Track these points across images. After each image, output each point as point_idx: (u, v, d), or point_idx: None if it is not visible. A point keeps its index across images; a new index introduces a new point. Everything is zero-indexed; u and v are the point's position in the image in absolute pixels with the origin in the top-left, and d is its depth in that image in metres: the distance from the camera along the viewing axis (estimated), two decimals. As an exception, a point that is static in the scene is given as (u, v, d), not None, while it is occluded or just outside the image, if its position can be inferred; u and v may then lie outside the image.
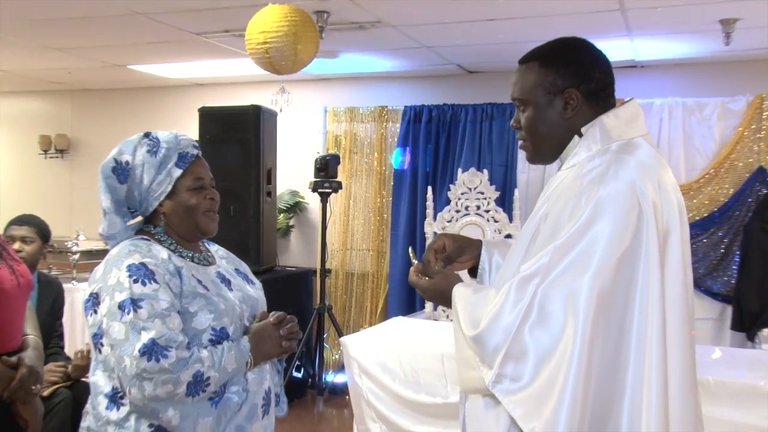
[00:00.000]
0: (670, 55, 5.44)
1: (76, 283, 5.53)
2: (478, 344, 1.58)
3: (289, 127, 6.55)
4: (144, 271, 1.80)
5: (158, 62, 6.15)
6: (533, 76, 1.74)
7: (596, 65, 1.75)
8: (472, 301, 1.68)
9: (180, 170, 1.93)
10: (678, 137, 5.49)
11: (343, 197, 6.48)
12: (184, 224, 1.96)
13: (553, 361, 1.49)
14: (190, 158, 1.96)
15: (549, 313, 1.51)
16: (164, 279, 1.82)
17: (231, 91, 6.96)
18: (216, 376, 1.80)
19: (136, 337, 1.72)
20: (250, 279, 2.14)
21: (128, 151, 1.94)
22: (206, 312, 1.84)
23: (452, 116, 6.15)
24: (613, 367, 1.52)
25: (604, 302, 1.50)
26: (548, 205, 1.69)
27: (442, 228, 5.35)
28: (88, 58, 5.99)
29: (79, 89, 7.61)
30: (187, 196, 1.94)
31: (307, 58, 4.22)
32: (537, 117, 1.75)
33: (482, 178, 5.36)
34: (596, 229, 1.53)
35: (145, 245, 1.88)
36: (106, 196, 1.93)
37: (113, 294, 1.78)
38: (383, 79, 6.58)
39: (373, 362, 3.63)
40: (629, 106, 1.77)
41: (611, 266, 1.51)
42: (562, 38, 1.81)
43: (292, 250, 6.87)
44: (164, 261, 1.86)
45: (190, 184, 1.95)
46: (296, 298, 5.98)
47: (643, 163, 1.64)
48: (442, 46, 5.32)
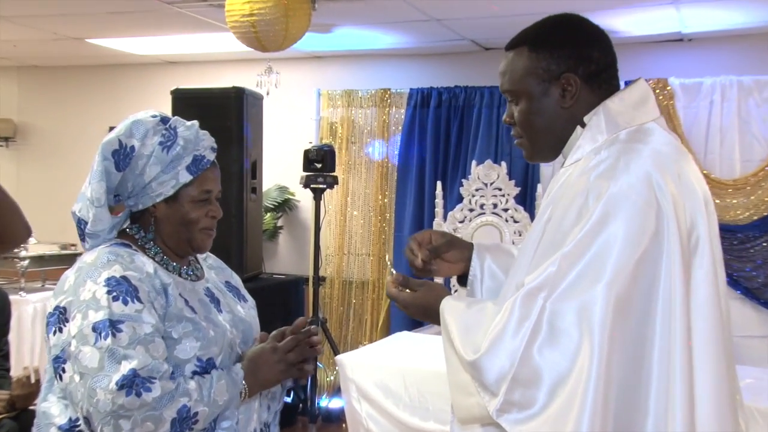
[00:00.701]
0: (723, 25, 5.41)
1: (25, 294, 5.53)
2: (478, 370, 1.58)
3: (277, 112, 6.55)
4: (126, 287, 1.74)
5: (122, 35, 6.15)
6: (523, 63, 1.76)
7: (594, 43, 1.76)
8: (466, 318, 1.68)
9: (190, 176, 1.87)
10: (732, 123, 5.46)
11: (339, 194, 6.48)
12: (175, 236, 1.91)
13: (569, 385, 1.49)
14: (204, 164, 1.90)
15: (560, 330, 1.51)
16: (148, 297, 1.76)
17: (209, 70, 6.96)
18: (205, 411, 1.76)
19: (114, 367, 1.66)
20: (242, 295, 2.10)
21: (137, 135, 1.86)
22: (192, 339, 1.80)
23: (465, 100, 6.14)
24: (634, 387, 1.53)
25: (622, 314, 1.51)
26: (552, 208, 1.69)
27: (454, 230, 5.34)
28: (38, 28, 5.96)
29: (28, 66, 7.61)
30: (188, 207, 1.89)
31: (299, 32, 4.22)
32: (532, 109, 1.76)
33: (500, 172, 5.36)
34: (608, 231, 1.53)
35: (127, 254, 1.82)
36: (101, 183, 1.83)
37: (86, 312, 1.72)
38: (385, 57, 6.58)
39: (373, 384, 3.63)
40: (636, 87, 1.78)
41: (628, 272, 1.51)
42: (551, 16, 1.82)
43: (280, 255, 6.87)
44: (149, 276, 1.80)
45: (196, 195, 1.89)
46: (285, 310, 5.98)
47: (658, 151, 1.64)
48: (453, 18, 5.32)
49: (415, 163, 6.27)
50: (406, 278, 1.87)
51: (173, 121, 1.90)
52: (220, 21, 4.99)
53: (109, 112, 7.37)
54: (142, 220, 1.92)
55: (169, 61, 7.12)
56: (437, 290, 1.81)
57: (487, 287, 1.95)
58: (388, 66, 6.59)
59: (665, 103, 5.46)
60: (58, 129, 7.62)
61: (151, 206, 1.88)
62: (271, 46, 4.23)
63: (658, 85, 5.48)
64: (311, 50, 6.42)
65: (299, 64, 6.71)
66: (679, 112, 5.48)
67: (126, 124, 1.88)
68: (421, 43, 6.10)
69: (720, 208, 5.34)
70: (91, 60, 7.16)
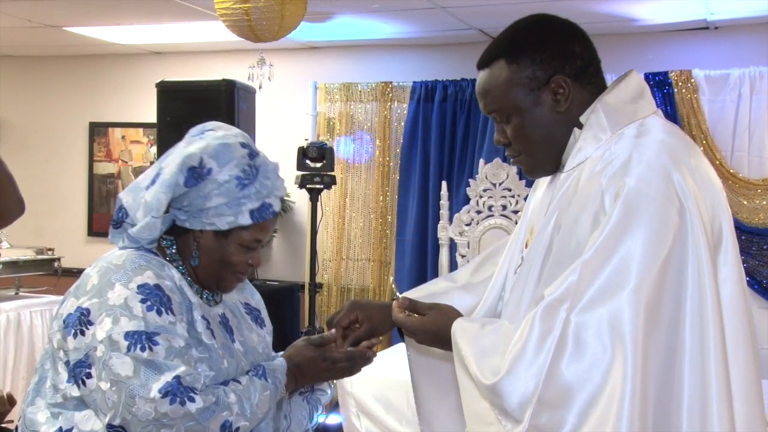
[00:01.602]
0: (751, 12, 5.38)
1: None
2: (498, 395, 1.56)
3: (271, 107, 6.56)
4: (160, 296, 1.77)
5: (104, 24, 6.15)
6: (504, 77, 1.77)
7: (573, 38, 1.78)
8: (481, 339, 1.67)
9: (250, 221, 1.88)
10: (762, 117, 5.45)
11: (337, 195, 6.49)
12: (208, 269, 1.92)
13: (602, 403, 1.47)
14: (268, 215, 1.92)
15: (588, 343, 1.50)
16: (180, 309, 1.80)
17: (197, 61, 6.97)
18: (246, 426, 1.81)
19: (153, 376, 1.69)
20: (261, 319, 2.12)
21: (221, 160, 1.85)
22: (206, 367, 1.82)
23: (472, 94, 6.13)
24: (667, 399, 1.52)
25: (652, 321, 1.50)
26: (559, 214, 1.69)
27: (460, 233, 5.34)
28: (12, 15, 5.93)
29: (1, 56, 7.60)
30: (234, 249, 1.90)
31: (294, 21, 4.23)
32: (527, 123, 1.77)
33: (509, 172, 5.36)
34: (630, 232, 1.53)
35: (158, 263, 1.85)
36: (167, 194, 1.82)
37: (118, 317, 1.72)
38: (386, 48, 6.59)
39: (373, 399, 3.63)
40: (630, 79, 1.78)
41: (654, 275, 1.51)
42: (518, 21, 1.84)
43: (274, 260, 6.87)
44: (179, 289, 1.84)
45: (248, 241, 1.90)
46: (279, 319, 5.96)
47: (669, 144, 1.65)
48: (459, 6, 5.32)
49: (418, 162, 6.28)
50: (413, 302, 1.86)
51: (260, 158, 1.92)
52: (209, 9, 4.99)
53: (90, 106, 7.38)
54: (182, 238, 1.92)
55: (154, 51, 7.12)
56: (448, 313, 1.80)
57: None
58: (390, 57, 6.60)
59: (688, 97, 5.45)
60: (34, 123, 7.61)
61: (198, 230, 1.88)
62: (264, 36, 4.24)
63: (680, 77, 5.47)
64: (307, 40, 6.41)
65: (294, 55, 6.71)
66: (703, 106, 5.47)
67: (214, 143, 1.87)
68: (425, 32, 6.10)
69: (748, 209, 5.34)
70: (70, 50, 7.16)
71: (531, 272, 1.73)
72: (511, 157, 1.86)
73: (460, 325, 1.73)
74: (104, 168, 7.39)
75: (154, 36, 6.49)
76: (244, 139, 1.92)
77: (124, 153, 7.32)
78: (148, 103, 5.84)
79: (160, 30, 6.24)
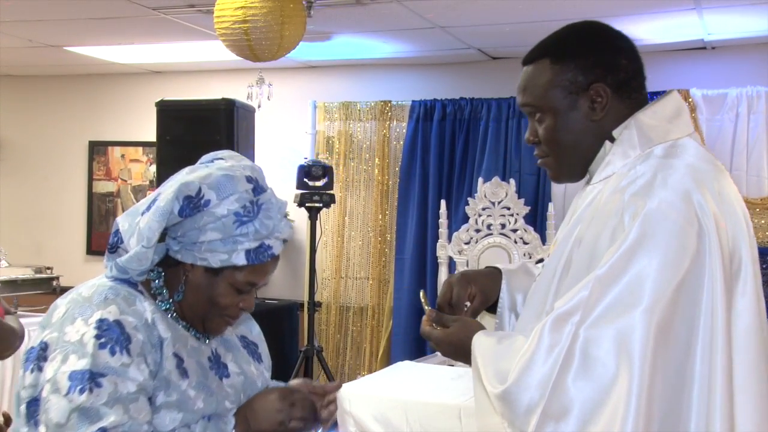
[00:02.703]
0: (749, 32, 5.41)
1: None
2: (505, 403, 1.57)
3: (270, 126, 6.57)
4: (117, 334, 1.62)
5: (104, 43, 6.17)
6: (547, 77, 1.76)
7: (621, 50, 1.77)
8: (495, 352, 1.66)
9: (245, 263, 1.74)
10: (760, 137, 5.46)
11: (336, 213, 6.49)
12: (195, 307, 1.78)
13: (603, 420, 1.47)
14: (265, 257, 1.77)
15: (594, 358, 1.50)
16: (141, 350, 1.65)
17: (197, 81, 6.98)
18: None
19: (83, 425, 1.56)
20: (258, 354, 1.98)
21: (221, 193, 1.72)
22: (173, 410, 1.68)
23: (471, 113, 6.16)
24: (672, 422, 1.51)
25: (663, 342, 1.49)
26: (581, 228, 1.69)
27: (459, 251, 5.34)
28: (13, 35, 5.97)
29: (2, 75, 7.62)
30: (224, 289, 1.76)
31: (294, 41, 4.24)
32: (560, 125, 1.76)
33: (508, 190, 5.36)
34: (646, 252, 1.52)
35: (128, 294, 1.71)
36: (160, 223, 1.68)
37: (68, 355, 1.61)
38: (386, 67, 6.61)
39: (373, 418, 3.61)
40: (669, 99, 1.78)
41: (668, 297, 1.50)
42: (571, 25, 1.83)
43: (272, 279, 6.71)
44: (147, 326, 1.68)
45: (240, 283, 1.77)
46: (278, 338, 5.96)
47: (696, 168, 1.64)
48: (458, 26, 5.34)
49: (417, 181, 6.28)
50: (440, 315, 1.85)
51: (265, 195, 1.77)
52: (209, 28, 5.00)
53: (90, 125, 7.39)
54: (172, 269, 1.78)
55: (154, 70, 7.14)
56: (471, 327, 1.78)
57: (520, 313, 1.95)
58: (389, 76, 6.61)
59: (686, 116, 5.46)
60: (34, 142, 7.62)
61: (189, 264, 1.75)
62: (264, 56, 4.25)
63: (678, 96, 5.48)
64: (306, 59, 6.43)
65: (293, 74, 6.73)
66: (701, 125, 5.48)
67: (217, 173, 1.74)
68: (424, 52, 6.12)
69: (746, 228, 5.33)
70: (70, 69, 7.18)
71: (546, 283, 1.73)
72: (538, 158, 1.84)
73: (479, 339, 1.72)
74: (103, 187, 7.39)
75: (154, 55, 6.50)
76: (253, 173, 1.78)
77: (123, 172, 7.32)
78: (147, 121, 5.84)
79: (159, 49, 6.25)
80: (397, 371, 4.23)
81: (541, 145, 1.81)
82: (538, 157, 1.85)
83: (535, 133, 1.81)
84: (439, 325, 1.83)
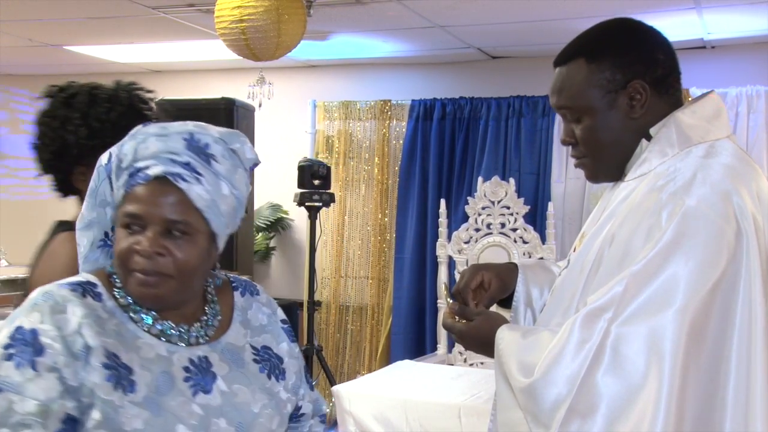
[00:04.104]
0: (748, 31, 5.41)
1: (-7, 322, 5.49)
2: (530, 398, 1.55)
3: (270, 125, 6.57)
4: (28, 345, 1.41)
5: (103, 43, 6.17)
6: (583, 76, 1.74)
7: (657, 46, 1.76)
8: (521, 346, 1.64)
9: (122, 191, 1.51)
10: (760, 136, 5.46)
11: (336, 212, 6.49)
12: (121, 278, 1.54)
13: (631, 419, 1.45)
14: (141, 178, 1.49)
15: (625, 356, 1.48)
16: (54, 363, 1.41)
17: (197, 80, 6.99)
18: None
19: None
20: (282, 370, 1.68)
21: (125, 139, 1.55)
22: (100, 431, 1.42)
23: (471, 112, 6.16)
24: (705, 422, 1.49)
25: (695, 344, 1.47)
26: (614, 224, 1.67)
27: (459, 251, 5.34)
28: (13, 34, 5.97)
29: (2, 74, 7.62)
30: (118, 235, 1.51)
31: (293, 40, 4.23)
32: (599, 125, 1.74)
33: (508, 189, 5.35)
34: (683, 250, 1.51)
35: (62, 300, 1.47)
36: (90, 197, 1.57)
37: None
38: (385, 66, 6.61)
39: (372, 418, 3.61)
40: (709, 100, 1.76)
41: (702, 297, 1.48)
42: (604, 23, 1.81)
43: (272, 278, 6.86)
44: (71, 334, 1.44)
45: (120, 219, 1.51)
46: (277, 337, 5.94)
47: (733, 168, 1.62)
48: (457, 25, 5.34)
49: (417, 180, 6.29)
50: (463, 307, 1.83)
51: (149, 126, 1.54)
52: (209, 27, 5.00)
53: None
54: None
55: (153, 69, 7.14)
56: (495, 320, 1.76)
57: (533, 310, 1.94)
58: (389, 76, 6.61)
59: (685, 116, 5.46)
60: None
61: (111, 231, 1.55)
62: (262, 55, 4.24)
63: (677, 96, 5.48)
64: (306, 59, 6.43)
65: (293, 73, 6.73)
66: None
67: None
68: (424, 51, 6.12)
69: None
70: (71, 68, 7.16)
71: (574, 279, 1.71)
72: (575, 158, 1.82)
73: (503, 333, 1.70)
74: (104, 186, 7.37)
75: (154, 55, 6.51)
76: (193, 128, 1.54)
77: (123, 171, 7.31)
78: (147, 121, 5.83)
79: (159, 48, 6.26)
80: (396, 370, 4.23)
81: (578, 146, 1.78)
82: (574, 157, 1.82)
83: (571, 134, 1.78)
84: (462, 317, 1.81)
